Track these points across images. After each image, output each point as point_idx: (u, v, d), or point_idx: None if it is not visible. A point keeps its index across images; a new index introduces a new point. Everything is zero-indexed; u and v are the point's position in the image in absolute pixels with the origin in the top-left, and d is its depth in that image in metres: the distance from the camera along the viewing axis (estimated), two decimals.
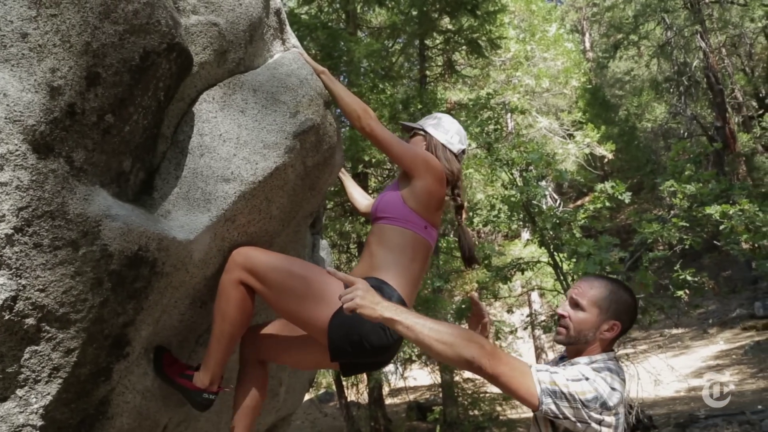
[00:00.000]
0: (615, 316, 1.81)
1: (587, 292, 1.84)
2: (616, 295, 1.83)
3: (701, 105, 19.81)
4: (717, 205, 6.44)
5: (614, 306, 1.81)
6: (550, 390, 1.66)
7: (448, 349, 1.64)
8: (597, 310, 1.81)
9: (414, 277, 2.25)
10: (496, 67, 12.91)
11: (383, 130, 2.32)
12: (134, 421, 2.17)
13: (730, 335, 13.38)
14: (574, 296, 1.86)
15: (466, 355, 1.63)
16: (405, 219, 2.24)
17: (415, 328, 1.66)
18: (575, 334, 1.84)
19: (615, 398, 1.68)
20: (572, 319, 1.84)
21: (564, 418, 1.66)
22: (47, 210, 1.62)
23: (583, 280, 1.91)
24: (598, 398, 1.66)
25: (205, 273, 2.15)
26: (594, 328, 1.81)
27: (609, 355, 1.82)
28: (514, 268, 8.53)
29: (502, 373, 1.66)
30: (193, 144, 2.09)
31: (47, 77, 1.58)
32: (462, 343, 1.64)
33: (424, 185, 2.26)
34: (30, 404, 1.74)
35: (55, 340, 1.72)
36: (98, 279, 1.74)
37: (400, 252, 2.22)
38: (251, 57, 2.33)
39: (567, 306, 1.88)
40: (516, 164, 7.68)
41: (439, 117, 2.53)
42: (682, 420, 7.44)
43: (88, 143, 1.70)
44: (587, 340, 1.83)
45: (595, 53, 24.06)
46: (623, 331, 1.84)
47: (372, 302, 1.68)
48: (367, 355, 2.09)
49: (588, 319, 1.82)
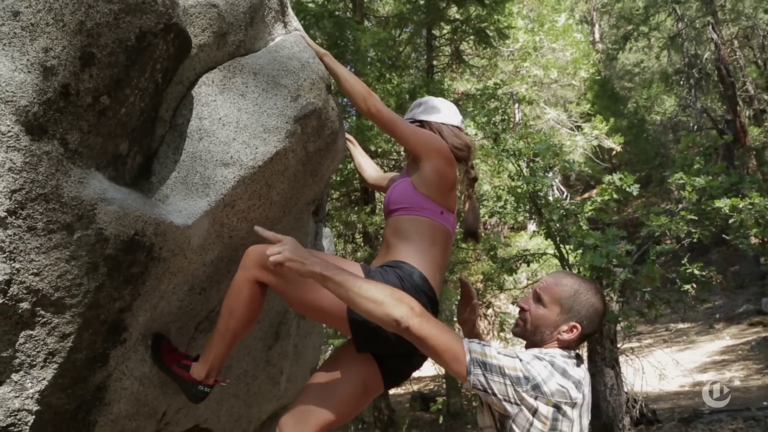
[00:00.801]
0: (576, 318, 1.71)
1: (552, 288, 1.76)
2: (582, 296, 1.73)
3: (711, 98, 19.63)
4: (727, 199, 6.35)
5: (577, 308, 1.71)
6: (479, 360, 1.59)
7: (377, 308, 1.60)
8: (558, 308, 1.72)
9: (436, 261, 2.15)
10: (504, 58, 12.79)
11: (389, 112, 2.26)
12: (132, 408, 2.15)
13: (736, 331, 13.30)
14: (537, 290, 1.78)
15: (395, 314, 1.58)
16: (419, 207, 2.17)
17: (345, 284, 1.62)
18: (531, 328, 1.76)
19: (552, 385, 1.58)
20: (531, 314, 1.76)
21: (492, 394, 1.58)
22: (41, 193, 1.59)
23: (552, 275, 1.82)
24: (529, 379, 1.57)
25: (204, 259, 2.12)
26: (552, 326, 1.72)
27: (563, 352, 1.71)
28: (519, 259, 8.47)
29: (430, 335, 1.59)
30: (192, 128, 2.05)
31: (40, 57, 1.55)
32: (392, 302, 1.60)
33: (433, 167, 2.19)
34: (25, 389, 1.72)
35: (50, 324, 1.70)
36: (94, 263, 1.71)
37: (419, 239, 2.13)
38: (252, 40, 2.29)
39: (530, 299, 1.80)
40: (523, 155, 7.61)
41: (423, 101, 2.46)
42: (687, 415, 7.39)
43: (83, 125, 1.66)
44: (543, 337, 1.74)
45: (605, 45, 23.83)
46: (585, 335, 1.74)
47: (301, 257, 1.64)
48: (393, 345, 1.99)
49: (547, 316, 1.73)
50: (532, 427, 1.57)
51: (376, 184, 2.81)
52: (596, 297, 1.74)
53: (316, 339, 3.46)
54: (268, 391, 2.98)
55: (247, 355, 2.76)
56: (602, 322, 1.80)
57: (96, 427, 2.02)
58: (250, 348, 2.78)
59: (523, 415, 1.57)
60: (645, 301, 7.34)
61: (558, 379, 1.60)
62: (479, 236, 2.44)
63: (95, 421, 2.01)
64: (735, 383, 9.29)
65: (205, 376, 2.11)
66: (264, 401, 2.99)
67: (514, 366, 1.58)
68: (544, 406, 1.57)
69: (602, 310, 1.76)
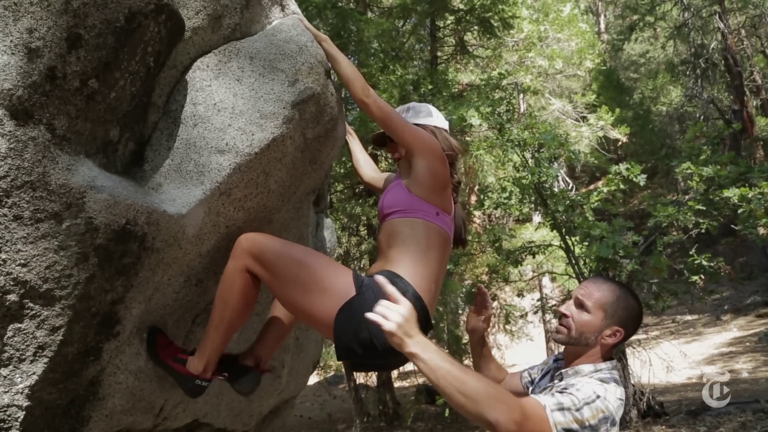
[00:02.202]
0: (620, 322, 1.75)
1: (594, 293, 1.78)
2: (623, 301, 1.76)
3: (718, 88, 19.42)
4: (736, 188, 6.26)
5: (620, 312, 1.75)
6: (568, 429, 1.56)
7: (470, 404, 1.46)
8: (602, 313, 1.75)
9: (433, 268, 2.08)
10: (508, 48, 12.66)
11: (385, 103, 2.21)
12: (128, 403, 2.10)
13: (743, 322, 13.21)
14: (579, 296, 1.79)
15: (491, 416, 1.45)
16: (413, 209, 2.11)
17: (438, 371, 1.48)
18: (576, 335, 1.77)
19: (621, 412, 1.63)
20: (575, 320, 1.78)
21: None
22: (27, 180, 1.53)
23: (591, 281, 1.84)
24: (608, 418, 1.59)
25: (200, 249, 2.06)
26: (597, 331, 1.75)
27: (612, 364, 1.76)
28: (525, 251, 8.42)
29: None
30: (186, 114, 1.99)
31: (24, 38, 1.48)
32: (487, 401, 1.46)
33: (426, 165, 2.14)
34: (15, 384, 1.67)
35: (40, 317, 1.64)
36: (84, 254, 1.65)
37: (414, 243, 2.07)
38: (248, 23, 2.21)
39: (571, 306, 1.81)
40: (528, 145, 7.52)
41: (411, 106, 2.42)
42: (694, 407, 7.32)
43: (70, 110, 1.60)
44: (588, 343, 1.76)
45: (610, 35, 23.63)
46: (626, 338, 1.78)
47: (407, 333, 1.49)
48: (378, 356, 1.95)
49: (592, 321, 1.76)
50: None
51: (371, 182, 2.74)
52: (635, 300, 1.79)
53: (318, 332, 3.40)
54: (269, 384, 2.92)
55: None
56: (640, 324, 1.84)
57: (90, 422, 1.97)
58: (250, 341, 2.72)
59: None
60: (652, 292, 7.28)
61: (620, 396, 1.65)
62: (466, 242, 2.40)
63: (89, 416, 1.96)
64: (743, 375, 9.21)
65: (203, 370, 2.06)
66: (265, 395, 2.94)
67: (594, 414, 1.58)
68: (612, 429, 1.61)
69: (641, 312, 1.81)
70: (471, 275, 11.38)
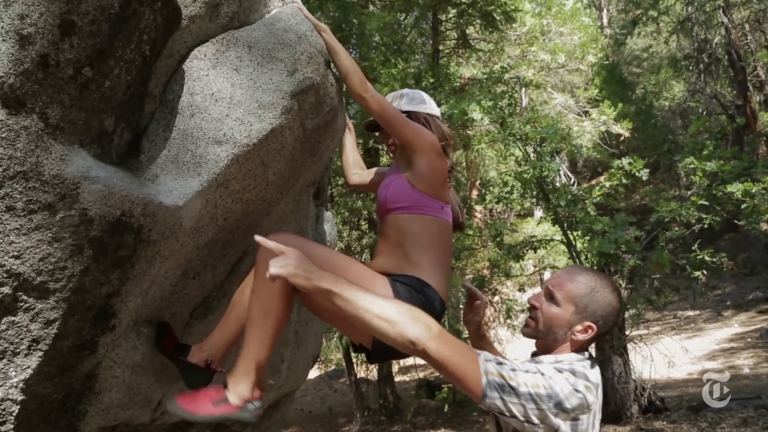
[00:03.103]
0: (592, 317, 1.59)
1: (565, 284, 1.62)
2: (598, 294, 1.60)
3: (721, 83, 19.34)
4: (739, 183, 6.22)
5: (593, 306, 1.59)
6: (497, 383, 1.46)
7: (389, 328, 1.46)
8: (573, 307, 1.60)
9: (447, 266, 2.15)
10: (510, 42, 12.60)
11: (383, 99, 2.19)
12: (124, 397, 2.07)
13: (745, 318, 13.17)
14: (550, 287, 1.64)
15: (410, 335, 1.45)
16: (420, 205, 2.11)
17: (355, 301, 1.49)
18: (544, 329, 1.63)
19: (574, 400, 1.47)
20: (543, 313, 1.63)
21: (511, 416, 1.46)
22: (20, 170, 1.50)
23: (565, 271, 1.68)
24: (552, 396, 1.45)
25: (197, 242, 2.03)
26: (566, 326, 1.60)
27: (579, 356, 1.61)
28: (526, 246, 8.38)
29: (448, 360, 1.46)
30: (183, 104, 1.95)
31: (15, 24, 1.45)
32: (406, 321, 1.46)
33: (427, 162, 2.13)
34: (9, 378, 1.64)
35: (34, 310, 1.62)
36: (78, 246, 1.62)
37: (428, 241, 2.07)
38: (246, 11, 2.18)
39: (542, 297, 1.67)
40: (530, 140, 7.47)
41: (405, 93, 2.39)
42: (695, 403, 7.29)
43: (64, 99, 1.57)
44: (557, 338, 1.62)
45: (613, 30, 23.50)
46: (599, 335, 1.61)
47: (306, 271, 1.50)
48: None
49: (561, 315, 1.60)
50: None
51: (359, 184, 2.69)
52: (613, 295, 1.62)
53: (318, 326, 3.37)
54: None
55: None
56: (617, 321, 1.68)
57: (87, 416, 1.95)
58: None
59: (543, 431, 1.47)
60: (654, 288, 7.25)
61: (580, 388, 1.50)
62: (464, 225, 2.39)
63: (85, 410, 1.93)
64: (744, 371, 9.19)
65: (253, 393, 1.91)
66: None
67: (535, 383, 1.47)
68: (564, 422, 1.47)
69: (619, 309, 1.64)
70: (472, 270, 11.34)
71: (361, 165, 2.75)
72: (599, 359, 7.27)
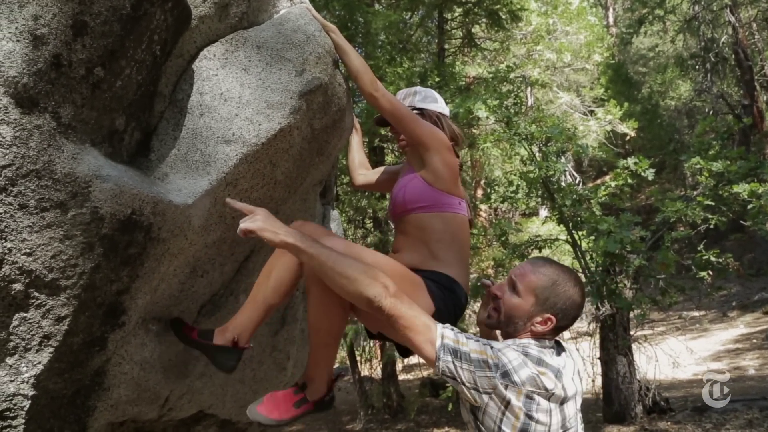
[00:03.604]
0: (552, 310, 1.61)
1: (528, 275, 1.64)
2: (559, 287, 1.62)
3: (728, 82, 19.26)
4: (745, 184, 6.20)
5: (554, 299, 1.61)
6: (450, 347, 1.51)
7: (349, 284, 1.58)
8: (533, 298, 1.62)
9: (467, 260, 2.22)
10: (516, 41, 12.58)
11: (394, 97, 2.20)
12: (133, 393, 2.09)
13: (750, 319, 13.12)
14: (513, 277, 1.67)
15: (368, 293, 1.55)
16: (440, 203, 2.15)
17: (319, 257, 1.60)
18: (504, 318, 1.66)
19: (523, 374, 1.48)
20: (504, 302, 1.65)
21: (460, 383, 1.50)
22: (33, 169, 1.52)
23: (530, 261, 1.71)
24: (498, 366, 1.47)
25: (206, 240, 2.05)
26: (525, 317, 1.62)
27: (537, 342, 1.61)
28: (531, 245, 8.37)
29: (403, 316, 1.54)
30: (193, 103, 1.97)
31: (29, 25, 1.47)
32: (365, 280, 1.57)
33: (441, 159, 2.17)
34: (21, 373, 1.66)
35: (45, 306, 1.64)
36: (89, 243, 1.64)
37: (452, 239, 2.12)
38: (255, 12, 2.19)
39: (504, 286, 1.69)
40: (535, 139, 7.47)
41: (418, 90, 2.41)
42: (700, 404, 7.27)
43: (76, 98, 1.59)
44: (516, 328, 1.64)
45: (619, 28, 23.43)
46: (558, 328, 1.63)
47: (273, 226, 1.62)
48: None
49: (521, 305, 1.62)
50: (505, 418, 1.48)
51: (364, 185, 2.71)
52: (575, 289, 1.63)
53: None
54: (274, 376, 2.92)
55: (253, 340, 2.69)
56: (578, 316, 1.68)
57: (96, 412, 1.97)
58: (256, 333, 2.71)
59: (494, 405, 1.49)
60: (659, 288, 7.24)
61: (531, 367, 1.50)
62: (473, 222, 2.43)
63: (94, 406, 1.95)
64: (750, 372, 9.16)
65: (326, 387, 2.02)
66: (270, 387, 2.93)
67: (483, 351, 1.50)
68: (516, 397, 1.48)
69: (580, 303, 1.65)
70: (477, 269, 11.34)
71: (366, 165, 2.77)
72: (604, 359, 7.28)
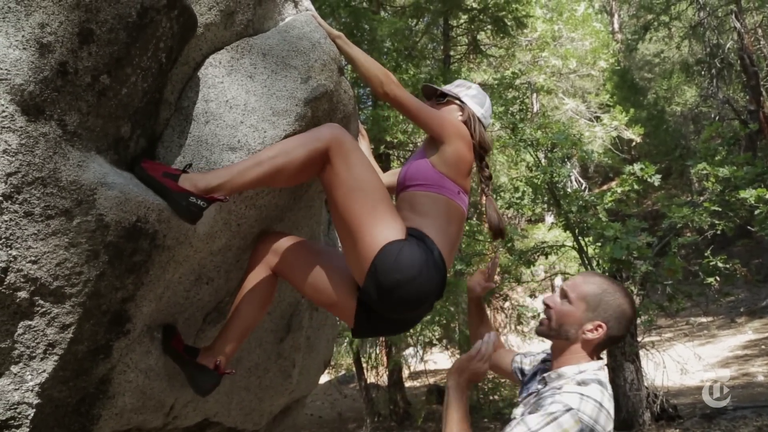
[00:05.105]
0: (602, 317, 1.66)
1: (579, 285, 1.72)
2: (609, 296, 1.68)
3: (734, 88, 19.19)
4: (752, 189, 6.17)
5: (604, 306, 1.66)
6: None
7: None
8: (584, 305, 1.68)
9: (452, 240, 2.13)
10: (521, 47, 12.59)
11: (408, 95, 2.19)
12: (137, 401, 2.08)
13: (758, 325, 13.04)
14: (564, 287, 1.74)
15: None
16: (437, 184, 2.13)
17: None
18: (556, 326, 1.71)
19: (602, 419, 1.53)
20: (556, 311, 1.72)
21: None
22: (38, 176, 1.51)
23: (581, 274, 1.80)
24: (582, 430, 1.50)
25: (211, 247, 2.04)
26: (576, 324, 1.68)
27: (599, 364, 1.67)
28: (537, 252, 8.36)
29: None
30: (198, 110, 1.97)
31: (36, 33, 1.47)
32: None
33: (455, 149, 2.16)
34: (25, 381, 1.65)
35: (50, 314, 1.63)
36: (94, 251, 1.64)
37: (436, 215, 2.10)
38: (261, 19, 2.19)
39: (556, 297, 1.76)
40: (541, 145, 7.47)
41: (471, 86, 2.42)
42: (709, 411, 7.23)
43: (82, 106, 1.59)
44: (568, 336, 1.69)
45: (624, 34, 23.42)
46: (611, 338, 1.68)
47: None
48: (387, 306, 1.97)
49: (572, 312, 1.69)
50: None
51: None
52: (625, 299, 1.69)
53: (329, 331, 3.38)
54: (280, 384, 2.91)
55: (258, 347, 2.69)
56: (629, 327, 1.74)
57: (101, 420, 1.96)
58: (261, 340, 2.71)
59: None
60: (666, 294, 7.20)
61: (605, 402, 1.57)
62: (505, 232, 2.41)
63: (99, 414, 1.94)
64: (759, 378, 9.09)
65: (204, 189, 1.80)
66: (276, 394, 2.92)
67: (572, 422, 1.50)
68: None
69: (630, 315, 1.70)
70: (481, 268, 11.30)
71: (377, 168, 2.76)
72: (611, 366, 7.23)
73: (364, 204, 1.94)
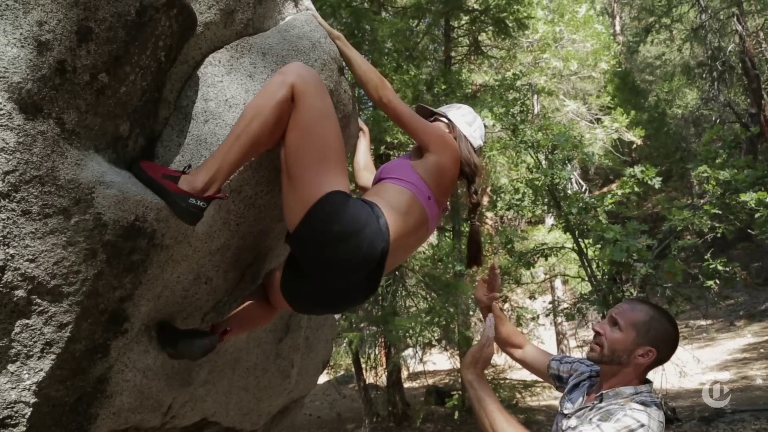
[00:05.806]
0: (652, 342, 1.77)
1: (627, 313, 1.81)
2: (656, 322, 1.79)
3: (735, 91, 19.19)
4: (753, 193, 6.17)
5: (653, 332, 1.77)
6: None
7: None
8: (634, 332, 1.77)
9: (406, 228, 2.02)
10: (523, 49, 12.58)
11: (401, 104, 2.19)
12: (135, 401, 2.08)
13: (758, 328, 13.04)
14: (613, 315, 1.84)
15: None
16: (409, 181, 2.10)
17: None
18: (608, 353, 1.79)
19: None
20: (607, 338, 1.80)
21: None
22: (36, 175, 1.51)
23: (627, 302, 1.89)
24: None
25: (210, 247, 2.04)
26: (628, 350, 1.77)
27: (650, 387, 1.79)
28: (537, 253, 8.35)
29: None
30: (198, 110, 1.96)
31: (34, 31, 1.46)
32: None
33: (438, 160, 2.15)
34: (22, 380, 1.65)
35: (47, 313, 1.63)
36: (92, 250, 1.63)
37: (397, 203, 2.03)
38: (260, 18, 2.19)
39: (605, 324, 1.84)
40: (541, 147, 7.46)
41: (462, 107, 2.43)
42: (708, 414, 7.22)
43: (80, 104, 1.58)
44: (621, 362, 1.78)
45: (626, 37, 23.42)
46: (659, 360, 1.78)
47: None
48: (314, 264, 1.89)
49: (623, 339, 1.78)
50: None
51: (366, 186, 2.67)
52: (670, 324, 1.81)
53: (328, 331, 3.38)
54: (278, 384, 2.90)
55: (257, 347, 2.69)
56: (675, 348, 1.84)
57: (98, 420, 1.96)
58: (260, 340, 2.70)
59: None
60: (666, 297, 7.20)
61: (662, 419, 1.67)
62: (481, 262, 2.42)
63: (97, 414, 1.94)
64: (757, 382, 9.08)
65: (202, 188, 1.78)
66: (274, 395, 2.92)
67: None
68: None
69: (675, 337, 1.82)
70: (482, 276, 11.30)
71: (371, 168, 2.75)
72: None
73: (316, 150, 1.85)
